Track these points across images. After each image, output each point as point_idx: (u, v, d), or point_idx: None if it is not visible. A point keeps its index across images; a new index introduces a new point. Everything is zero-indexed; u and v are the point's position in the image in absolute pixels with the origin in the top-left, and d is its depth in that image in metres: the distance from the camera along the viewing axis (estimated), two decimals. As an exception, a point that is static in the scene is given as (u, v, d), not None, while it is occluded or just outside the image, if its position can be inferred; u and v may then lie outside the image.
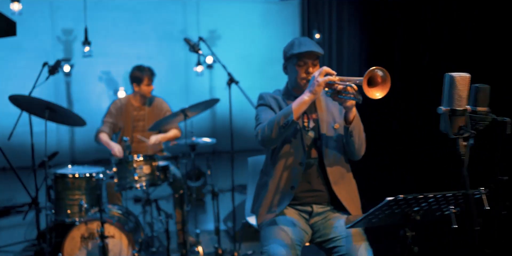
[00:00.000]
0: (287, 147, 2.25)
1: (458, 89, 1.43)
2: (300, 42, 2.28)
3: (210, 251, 3.68)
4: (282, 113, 2.11)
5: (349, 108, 2.12)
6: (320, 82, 2.05)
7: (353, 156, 2.25)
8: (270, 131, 2.10)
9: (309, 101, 2.09)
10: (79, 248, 3.08)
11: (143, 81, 3.84)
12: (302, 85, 2.28)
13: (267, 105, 2.32)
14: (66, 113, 3.29)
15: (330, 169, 2.23)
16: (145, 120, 3.91)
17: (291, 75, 2.34)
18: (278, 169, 2.26)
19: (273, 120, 2.12)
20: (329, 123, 2.28)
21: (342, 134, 2.25)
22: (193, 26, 8.30)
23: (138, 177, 3.16)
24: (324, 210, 2.27)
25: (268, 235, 2.14)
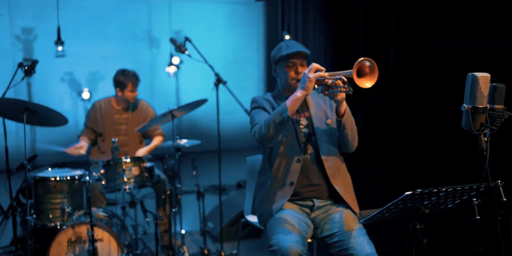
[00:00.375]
0: (283, 145, 2.32)
1: (480, 88, 1.52)
2: (288, 45, 2.40)
3: (196, 251, 3.68)
4: (277, 111, 2.18)
5: (340, 102, 2.22)
6: (311, 78, 2.13)
7: (347, 148, 2.35)
8: (267, 129, 2.17)
9: (302, 97, 2.17)
10: (66, 252, 3.01)
11: (127, 87, 3.77)
12: (293, 85, 2.37)
13: (261, 107, 2.41)
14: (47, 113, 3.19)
15: (327, 163, 2.32)
16: (128, 123, 3.84)
17: (281, 77, 2.43)
18: (276, 167, 2.33)
19: (269, 119, 2.20)
20: (322, 119, 2.38)
21: (335, 128, 2.35)
22: (158, 26, 8.21)
23: (127, 178, 3.12)
24: (325, 204, 2.35)
25: (274, 229, 2.19)
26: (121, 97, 3.82)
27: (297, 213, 2.28)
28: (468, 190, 1.69)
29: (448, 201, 1.81)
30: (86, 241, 3.02)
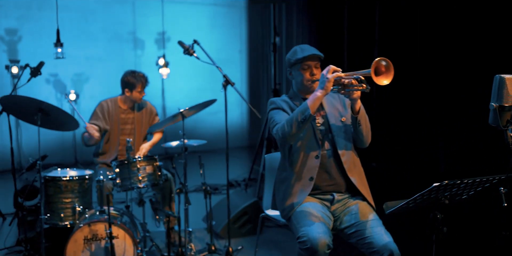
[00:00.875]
0: (302, 143, 2.48)
1: (506, 88, 1.71)
2: (302, 48, 2.56)
3: (202, 248, 3.79)
4: (299, 110, 2.34)
5: (355, 100, 2.39)
6: (330, 79, 2.30)
7: (362, 143, 2.52)
8: (290, 127, 2.32)
9: (322, 96, 2.34)
10: (82, 250, 3.07)
11: (136, 88, 3.85)
12: (308, 86, 2.55)
13: (279, 108, 2.56)
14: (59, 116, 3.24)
15: (344, 158, 2.49)
16: (134, 123, 3.93)
17: (296, 79, 2.60)
18: (296, 164, 2.48)
19: (291, 118, 2.35)
20: (336, 117, 2.56)
21: (350, 125, 2.52)
22: (142, 27, 8.25)
23: (141, 177, 3.22)
24: (343, 197, 2.52)
25: (301, 221, 2.34)
26: (128, 97, 3.91)
27: (319, 206, 2.44)
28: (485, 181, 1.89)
29: (464, 193, 2.00)
30: (102, 238, 3.09)
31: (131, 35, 8.19)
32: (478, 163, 4.00)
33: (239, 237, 4.02)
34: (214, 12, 8.95)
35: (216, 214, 4.07)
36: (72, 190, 3.45)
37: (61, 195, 3.43)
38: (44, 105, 3.18)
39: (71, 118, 3.24)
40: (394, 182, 4.67)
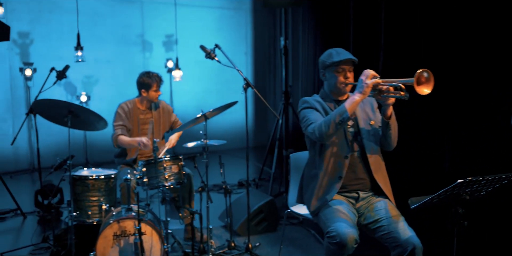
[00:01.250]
0: (333, 143, 2.61)
1: None
2: (338, 52, 2.68)
3: (221, 244, 3.93)
4: (336, 112, 2.47)
5: (389, 106, 2.52)
6: (369, 84, 2.43)
7: (389, 147, 2.66)
8: (327, 128, 2.46)
9: (360, 100, 2.47)
10: (111, 246, 3.21)
11: (152, 87, 4.00)
12: (341, 88, 2.68)
13: (313, 108, 2.68)
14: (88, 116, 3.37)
15: (371, 160, 2.63)
16: (153, 123, 4.09)
17: (330, 80, 2.72)
18: (326, 162, 2.62)
19: (329, 119, 2.48)
20: (366, 120, 2.69)
21: (377, 129, 2.65)
22: (150, 30, 8.39)
23: (168, 176, 3.36)
24: (367, 195, 2.67)
25: (329, 217, 2.48)
26: (145, 97, 4.05)
27: (345, 204, 2.59)
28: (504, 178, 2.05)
29: (484, 189, 2.15)
30: (130, 234, 3.23)
31: (139, 38, 8.34)
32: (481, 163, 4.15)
33: (255, 234, 4.16)
34: (221, 15, 9.11)
35: (233, 212, 4.21)
36: (99, 188, 3.59)
37: (88, 193, 3.57)
38: (73, 107, 3.31)
39: (100, 118, 3.37)
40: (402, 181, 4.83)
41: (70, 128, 3.32)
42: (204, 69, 8.78)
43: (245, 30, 9.42)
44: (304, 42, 7.73)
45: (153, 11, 8.39)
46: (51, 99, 3.32)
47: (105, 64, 7.95)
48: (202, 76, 8.82)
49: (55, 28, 7.54)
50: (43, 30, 7.44)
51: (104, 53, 7.92)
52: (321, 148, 2.64)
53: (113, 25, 8.06)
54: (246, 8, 9.44)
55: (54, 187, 4.82)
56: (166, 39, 8.57)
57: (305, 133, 2.65)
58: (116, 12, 8.07)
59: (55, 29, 7.53)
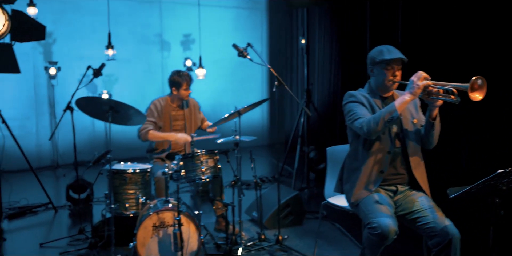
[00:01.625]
0: (377, 139, 2.72)
1: None
2: (389, 50, 2.76)
3: (250, 237, 4.06)
4: (386, 110, 2.58)
5: (436, 107, 2.62)
6: (420, 86, 2.53)
7: (430, 145, 2.76)
8: (376, 125, 2.57)
9: (410, 100, 2.58)
10: (151, 236, 3.34)
11: (182, 86, 4.14)
12: (389, 85, 2.78)
13: (359, 102, 2.77)
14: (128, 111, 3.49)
15: (411, 156, 2.75)
16: (184, 119, 4.23)
17: (378, 77, 2.80)
18: (370, 156, 2.73)
19: (378, 116, 2.58)
20: (408, 119, 2.79)
21: (419, 128, 2.76)
22: (168, 30, 8.54)
23: (204, 169, 3.50)
24: (405, 189, 2.79)
25: (370, 209, 2.60)
26: (176, 95, 4.19)
27: (385, 197, 2.71)
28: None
29: (518, 180, 2.27)
30: (169, 225, 3.37)
31: (158, 37, 8.48)
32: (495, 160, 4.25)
33: (282, 228, 4.29)
34: (237, 14, 9.24)
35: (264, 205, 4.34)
36: (136, 182, 3.74)
37: (125, 186, 3.71)
38: (113, 102, 3.44)
39: (138, 113, 3.50)
40: (435, 176, 4.92)
41: (110, 123, 3.45)
42: (220, 69, 8.93)
43: (260, 29, 9.55)
44: (320, 41, 7.85)
45: (171, 11, 8.54)
46: (92, 96, 3.46)
47: (125, 63, 8.10)
48: (218, 75, 8.96)
49: (78, 28, 7.69)
50: (66, 30, 7.60)
51: (124, 52, 8.05)
52: (365, 142, 2.75)
53: (133, 25, 8.21)
54: (261, 8, 9.57)
55: (85, 182, 4.97)
56: (183, 39, 8.71)
57: (350, 126, 2.75)
58: (135, 12, 8.22)
59: (77, 29, 7.69)
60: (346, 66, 7.29)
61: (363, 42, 6.77)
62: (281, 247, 3.82)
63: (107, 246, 3.78)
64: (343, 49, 7.33)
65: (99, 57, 7.78)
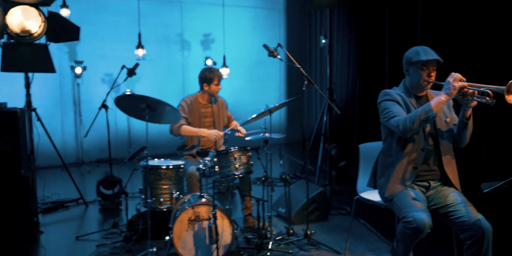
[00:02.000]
0: (412, 137, 2.83)
1: None
2: (425, 51, 2.85)
3: (278, 231, 4.19)
4: (422, 110, 2.68)
5: (470, 107, 2.73)
6: (456, 87, 2.64)
7: (462, 144, 2.87)
8: (411, 123, 2.68)
9: (445, 101, 2.69)
10: (186, 229, 3.48)
11: (213, 81, 4.28)
12: (423, 85, 2.88)
13: (394, 101, 2.87)
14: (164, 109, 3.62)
15: (444, 154, 2.86)
16: (213, 116, 4.37)
17: (413, 77, 2.89)
18: (404, 153, 2.83)
19: (414, 115, 2.69)
20: (442, 118, 2.90)
21: (451, 127, 2.87)
22: (189, 29, 8.68)
23: (238, 165, 3.62)
24: (437, 185, 2.90)
25: (404, 203, 2.71)
26: (207, 91, 4.33)
27: (418, 192, 2.82)
28: None
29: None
30: (204, 219, 3.50)
31: (178, 37, 8.63)
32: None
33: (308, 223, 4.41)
34: (255, 14, 9.36)
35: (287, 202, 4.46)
36: (170, 177, 3.87)
37: (160, 182, 3.85)
38: (150, 100, 3.56)
39: (175, 110, 3.62)
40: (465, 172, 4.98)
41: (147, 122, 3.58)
42: (239, 68, 9.05)
43: (278, 29, 9.66)
44: (339, 41, 7.94)
45: (191, 11, 8.68)
46: (130, 94, 3.59)
47: (147, 62, 8.23)
48: (236, 74, 9.08)
49: (101, 28, 7.86)
50: (90, 29, 7.75)
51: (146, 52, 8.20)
52: (399, 139, 2.85)
53: (154, 25, 8.36)
54: (279, 8, 9.68)
55: (114, 178, 5.12)
56: (203, 38, 8.85)
57: (385, 124, 2.86)
58: (157, 12, 8.37)
59: (100, 29, 7.86)
60: (364, 66, 7.38)
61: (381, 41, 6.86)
62: (309, 241, 3.94)
63: (141, 239, 3.93)
64: (361, 48, 7.42)
65: (122, 56, 7.96)
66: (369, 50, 7.21)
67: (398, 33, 6.53)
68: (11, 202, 3.94)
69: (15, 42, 4.38)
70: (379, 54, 6.91)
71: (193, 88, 8.84)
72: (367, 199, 3.16)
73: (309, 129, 9.04)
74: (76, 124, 7.72)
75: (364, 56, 7.38)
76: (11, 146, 3.95)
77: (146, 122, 3.59)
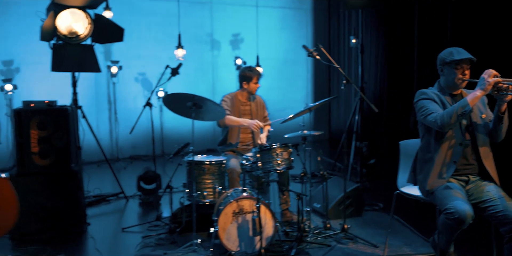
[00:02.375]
0: (449, 132, 2.96)
1: None
2: (458, 51, 3.00)
3: (317, 225, 4.33)
4: (459, 105, 2.81)
5: (505, 102, 2.85)
6: (491, 82, 2.77)
7: (498, 138, 2.99)
8: (449, 118, 2.81)
9: (481, 96, 2.82)
10: (230, 222, 3.65)
11: (252, 80, 4.45)
12: (458, 84, 3.01)
13: (431, 99, 3.01)
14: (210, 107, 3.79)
15: (481, 148, 2.98)
16: (251, 114, 4.54)
17: (448, 76, 3.03)
18: (443, 148, 2.96)
19: (451, 110, 2.82)
20: (477, 113, 3.02)
21: (487, 122, 2.99)
22: (219, 29, 8.87)
23: (280, 161, 3.79)
24: (476, 179, 3.02)
25: (446, 195, 2.84)
26: (246, 89, 4.51)
27: (458, 186, 2.94)
28: None
29: None
30: (247, 212, 3.66)
31: (209, 37, 8.82)
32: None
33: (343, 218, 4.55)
34: (283, 14, 9.50)
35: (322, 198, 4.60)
36: (213, 172, 4.05)
37: (203, 176, 4.03)
38: (196, 98, 3.74)
39: (220, 106, 3.80)
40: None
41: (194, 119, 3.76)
42: (267, 67, 9.19)
43: (305, 29, 9.79)
44: (367, 41, 8.05)
45: (221, 11, 8.86)
46: (177, 93, 3.77)
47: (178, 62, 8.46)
48: (265, 73, 9.21)
49: (135, 28, 8.08)
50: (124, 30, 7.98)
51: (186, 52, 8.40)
52: (437, 135, 2.98)
53: (185, 25, 8.55)
54: (306, 8, 9.81)
55: (154, 173, 5.33)
56: (232, 38, 9.03)
57: (423, 121, 3.00)
58: (188, 13, 8.57)
59: (134, 29, 8.07)
60: (392, 65, 7.48)
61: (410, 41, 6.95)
62: (346, 235, 4.07)
63: (184, 232, 4.11)
64: (390, 48, 7.52)
65: (155, 56, 8.22)
66: (397, 50, 7.30)
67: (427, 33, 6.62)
68: (63, 194, 4.17)
69: (63, 43, 4.61)
70: (408, 54, 7.00)
71: (222, 87, 9.06)
72: (407, 193, 3.29)
73: (337, 128, 9.15)
74: (111, 121, 7.97)
75: (392, 56, 7.48)
76: (63, 142, 4.17)
77: (193, 120, 3.77)
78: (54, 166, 4.15)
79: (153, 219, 4.51)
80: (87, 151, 6.61)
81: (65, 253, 3.77)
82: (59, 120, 4.17)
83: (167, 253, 3.73)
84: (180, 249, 3.78)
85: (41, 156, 4.13)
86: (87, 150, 6.51)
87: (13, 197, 3.18)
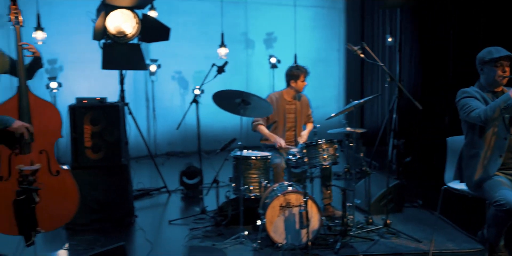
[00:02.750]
0: (493, 126, 3.04)
1: None
2: (497, 49, 3.09)
3: (359, 220, 4.41)
4: (501, 99, 2.89)
5: None
6: None
7: None
8: (492, 112, 2.89)
9: None
10: (278, 215, 3.76)
11: (299, 78, 4.55)
12: (499, 81, 3.10)
13: (473, 97, 3.10)
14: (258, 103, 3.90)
15: None
16: (296, 112, 4.64)
17: (488, 74, 3.12)
18: (487, 142, 3.05)
19: (494, 105, 2.90)
20: None
21: None
22: (253, 29, 8.99)
23: (326, 156, 3.89)
24: None
25: (494, 188, 2.92)
26: (293, 87, 4.61)
27: (505, 179, 3.01)
28: None
29: None
30: (294, 206, 3.77)
31: (243, 36, 8.95)
32: None
33: (384, 214, 4.61)
34: (315, 13, 9.56)
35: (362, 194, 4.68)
36: (258, 167, 4.17)
37: (249, 171, 4.15)
38: (244, 95, 3.86)
39: (267, 104, 3.91)
40: None
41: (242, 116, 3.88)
42: (299, 65, 9.27)
43: (338, 28, 9.83)
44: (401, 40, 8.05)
45: (255, 11, 8.97)
46: (226, 90, 3.89)
47: (213, 61, 8.58)
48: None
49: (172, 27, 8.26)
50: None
51: (212, 50, 8.55)
52: (481, 130, 3.06)
53: (221, 25, 8.70)
54: (339, 7, 9.85)
55: (196, 169, 5.48)
56: (266, 37, 9.14)
57: (466, 118, 3.07)
58: (223, 12, 8.71)
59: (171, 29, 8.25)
60: (427, 64, 7.48)
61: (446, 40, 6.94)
62: (388, 230, 4.14)
63: (230, 224, 4.24)
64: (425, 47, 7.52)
65: (190, 55, 8.39)
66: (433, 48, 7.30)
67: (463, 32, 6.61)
68: (114, 187, 4.35)
69: (112, 42, 4.79)
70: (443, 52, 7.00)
71: (256, 85, 9.18)
72: (455, 188, 3.35)
73: (371, 125, 9.18)
74: (148, 118, 8.17)
75: (427, 55, 7.48)
76: (114, 137, 4.35)
77: (241, 117, 3.89)
78: (105, 160, 4.33)
79: (196, 212, 4.66)
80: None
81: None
82: (110, 116, 4.35)
83: (216, 245, 3.86)
84: (227, 241, 3.91)
85: (94, 150, 4.31)
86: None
87: (74, 188, 3.35)
